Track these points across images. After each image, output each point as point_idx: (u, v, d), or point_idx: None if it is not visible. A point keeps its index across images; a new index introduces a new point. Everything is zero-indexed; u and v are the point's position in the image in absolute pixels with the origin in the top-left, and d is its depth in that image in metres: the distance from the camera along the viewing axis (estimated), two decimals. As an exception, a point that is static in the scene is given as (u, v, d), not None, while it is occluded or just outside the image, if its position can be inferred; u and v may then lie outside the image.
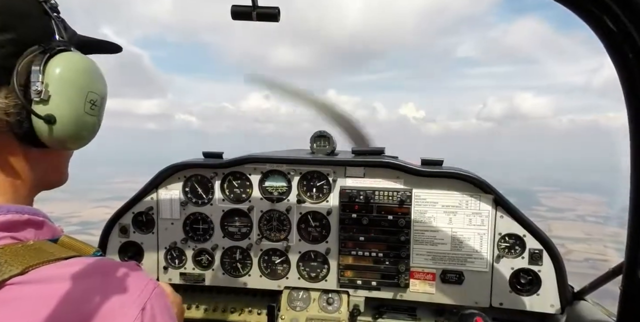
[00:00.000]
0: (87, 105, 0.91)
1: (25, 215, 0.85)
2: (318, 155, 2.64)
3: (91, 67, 0.94)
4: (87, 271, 0.76)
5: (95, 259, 0.82)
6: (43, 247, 0.79)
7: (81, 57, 0.92)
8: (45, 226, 0.89)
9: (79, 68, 0.90)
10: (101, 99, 0.95)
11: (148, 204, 2.67)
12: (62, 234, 0.93)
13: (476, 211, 2.39)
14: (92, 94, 0.92)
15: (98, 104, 0.94)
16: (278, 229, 2.62)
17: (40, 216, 0.89)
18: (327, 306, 2.57)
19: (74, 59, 0.90)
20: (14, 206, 0.85)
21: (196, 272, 2.68)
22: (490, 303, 2.38)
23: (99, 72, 0.96)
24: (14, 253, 0.74)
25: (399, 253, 2.46)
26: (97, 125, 0.97)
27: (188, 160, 2.68)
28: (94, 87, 0.92)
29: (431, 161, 2.49)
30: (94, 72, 0.94)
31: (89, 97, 0.91)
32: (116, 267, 0.80)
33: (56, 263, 0.76)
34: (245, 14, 1.30)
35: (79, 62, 0.90)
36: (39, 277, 0.72)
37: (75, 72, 0.89)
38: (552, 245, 2.34)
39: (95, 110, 0.94)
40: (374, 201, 2.48)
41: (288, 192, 2.59)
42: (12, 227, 0.81)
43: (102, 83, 0.96)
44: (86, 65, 0.92)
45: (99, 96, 0.94)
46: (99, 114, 0.96)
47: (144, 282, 0.80)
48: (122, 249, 2.71)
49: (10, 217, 0.81)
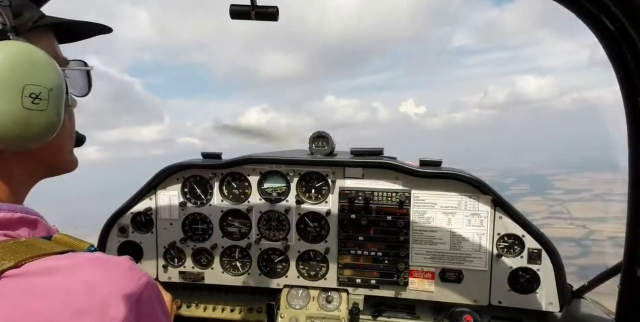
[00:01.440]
0: (25, 100, 0.81)
1: (18, 213, 0.84)
2: (317, 155, 2.64)
3: (28, 56, 0.83)
4: (81, 264, 0.76)
5: (89, 253, 0.82)
6: (36, 243, 0.78)
7: (14, 48, 0.82)
8: (39, 225, 0.89)
9: (9, 60, 0.80)
10: (49, 91, 0.85)
11: (147, 205, 2.67)
12: (56, 232, 0.92)
13: (475, 211, 2.40)
14: (31, 86, 0.82)
15: (44, 96, 0.84)
16: (277, 229, 2.62)
17: (33, 215, 0.89)
18: (327, 304, 2.57)
19: (3, 51, 0.80)
20: (5, 205, 0.84)
21: (195, 270, 2.68)
22: (489, 301, 2.39)
23: (43, 60, 0.85)
24: (7, 248, 0.73)
25: (398, 252, 2.47)
26: (51, 120, 0.88)
27: (186, 160, 2.67)
28: (33, 79, 0.83)
29: (430, 161, 2.49)
30: (31, 62, 0.83)
31: (26, 90, 0.81)
32: (110, 261, 0.80)
33: (50, 256, 0.75)
34: (244, 13, 1.30)
35: (9, 54, 0.81)
36: (33, 270, 0.72)
37: (3, 66, 0.79)
38: (551, 245, 2.34)
39: (42, 104, 0.84)
40: (373, 202, 2.48)
41: (287, 192, 2.59)
42: (4, 225, 0.81)
43: (47, 72, 0.85)
44: (19, 55, 0.82)
45: (43, 88, 0.84)
46: (50, 108, 0.86)
47: (137, 275, 0.79)
48: (121, 248, 2.71)
49: (2, 216, 0.81)
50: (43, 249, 0.77)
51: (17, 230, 0.83)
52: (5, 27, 0.84)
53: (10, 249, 0.73)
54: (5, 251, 0.72)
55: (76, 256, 0.79)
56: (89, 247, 0.88)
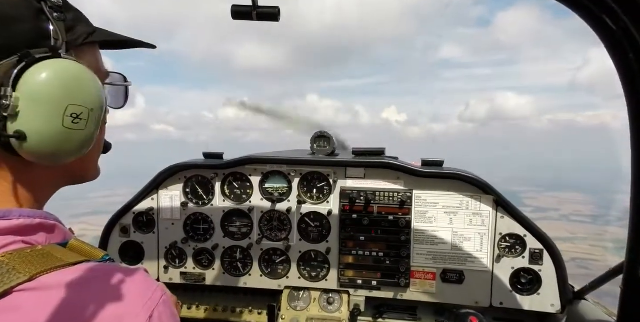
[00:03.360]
0: (66, 120, 0.82)
1: (37, 219, 0.84)
2: (318, 155, 2.64)
3: (75, 77, 0.84)
4: (95, 277, 0.76)
5: (102, 265, 0.81)
6: (51, 253, 0.78)
7: (63, 67, 0.83)
8: (56, 230, 0.89)
9: (57, 79, 0.81)
10: (90, 111, 0.86)
11: (148, 205, 2.67)
12: (72, 236, 0.92)
13: (477, 211, 2.39)
14: (73, 107, 0.83)
15: (85, 117, 0.85)
16: (279, 229, 2.62)
17: (52, 220, 0.89)
18: (328, 305, 2.57)
19: (53, 70, 0.81)
20: (26, 210, 0.84)
21: (197, 271, 2.68)
22: (491, 303, 2.38)
23: (88, 81, 0.87)
24: (23, 259, 0.73)
25: (399, 253, 2.46)
26: (87, 138, 0.89)
27: (188, 161, 2.68)
28: (77, 99, 0.83)
29: (432, 161, 2.49)
30: (77, 82, 0.84)
31: (68, 110, 0.82)
32: (124, 274, 0.79)
33: (64, 269, 0.76)
34: (245, 14, 1.30)
35: (58, 73, 0.81)
36: (48, 284, 0.72)
37: (50, 85, 0.80)
38: (553, 245, 2.34)
39: (81, 124, 0.85)
40: (374, 202, 2.48)
41: (288, 193, 2.59)
42: (23, 232, 0.81)
43: (90, 93, 0.87)
44: (67, 75, 0.83)
45: (85, 108, 0.85)
46: (89, 127, 0.87)
47: (151, 290, 0.79)
48: (123, 248, 2.71)
49: (22, 222, 0.81)
50: (58, 259, 0.77)
51: (35, 235, 0.83)
52: (58, 43, 0.85)
53: (27, 259, 0.74)
54: (21, 262, 0.73)
55: (91, 269, 0.78)
56: (104, 257, 0.88)
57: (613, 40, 1.06)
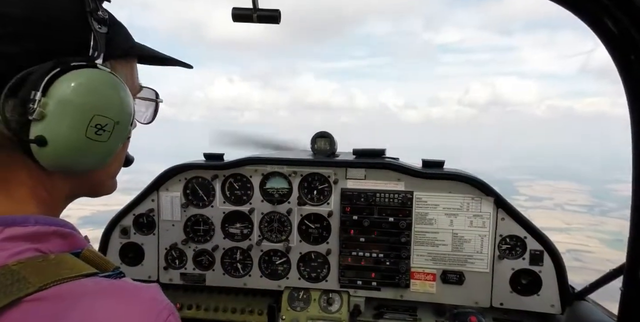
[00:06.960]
0: (90, 130, 0.80)
1: (53, 227, 0.83)
2: (319, 156, 2.64)
3: (106, 88, 0.83)
4: (103, 291, 0.75)
5: (112, 281, 0.80)
6: (63, 262, 0.77)
7: (96, 77, 0.82)
8: (70, 238, 0.87)
9: (88, 88, 0.80)
10: (115, 124, 0.84)
11: (149, 206, 2.67)
12: (86, 245, 0.91)
13: (477, 213, 2.40)
14: (99, 117, 0.81)
15: (109, 129, 0.83)
16: (279, 230, 2.62)
17: (68, 228, 0.87)
18: (328, 306, 2.57)
19: (85, 78, 0.80)
20: (42, 217, 0.83)
21: (197, 272, 2.68)
22: (491, 303, 2.38)
23: (119, 93, 0.85)
24: (34, 268, 0.72)
25: (399, 254, 2.46)
26: (107, 151, 0.87)
27: (189, 161, 2.68)
28: (104, 110, 0.82)
29: (432, 162, 2.49)
30: (108, 93, 0.83)
31: (94, 120, 0.80)
32: (133, 290, 0.78)
33: (74, 281, 0.74)
34: (246, 17, 1.31)
35: (90, 82, 0.80)
36: (57, 295, 0.71)
37: (80, 93, 0.79)
38: (553, 246, 2.34)
39: (104, 136, 0.83)
40: (375, 203, 2.48)
41: (289, 194, 2.59)
42: (38, 239, 0.79)
43: (119, 106, 0.85)
44: (99, 85, 0.81)
45: (111, 120, 0.83)
46: (111, 140, 0.85)
47: (159, 308, 0.77)
48: (123, 250, 2.71)
49: (37, 229, 0.80)
50: (70, 270, 0.76)
51: (49, 243, 0.81)
52: (95, 54, 0.84)
53: (37, 269, 0.73)
54: (32, 271, 0.72)
55: (101, 283, 0.77)
56: (115, 269, 0.87)
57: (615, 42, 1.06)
